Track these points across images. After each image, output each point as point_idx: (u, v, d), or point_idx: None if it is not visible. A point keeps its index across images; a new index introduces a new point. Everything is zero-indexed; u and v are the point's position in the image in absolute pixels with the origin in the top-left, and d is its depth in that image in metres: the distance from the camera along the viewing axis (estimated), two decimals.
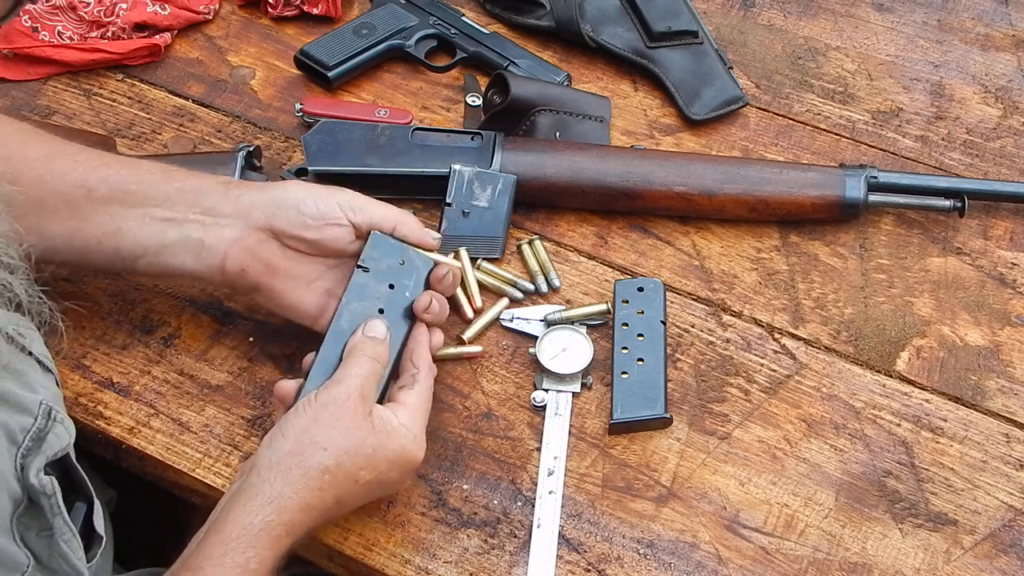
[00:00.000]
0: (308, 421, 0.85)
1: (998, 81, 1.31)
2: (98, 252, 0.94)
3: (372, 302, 0.93)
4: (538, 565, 0.90)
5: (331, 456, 0.83)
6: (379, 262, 0.94)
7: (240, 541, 0.79)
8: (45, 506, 0.78)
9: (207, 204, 0.93)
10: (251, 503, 0.81)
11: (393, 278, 0.94)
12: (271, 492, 0.82)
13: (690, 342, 1.05)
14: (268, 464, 0.83)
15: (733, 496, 0.95)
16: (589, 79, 1.28)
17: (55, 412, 0.81)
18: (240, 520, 0.80)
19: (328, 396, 0.86)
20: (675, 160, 1.13)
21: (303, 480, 0.82)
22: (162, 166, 0.97)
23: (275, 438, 0.85)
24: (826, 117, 1.26)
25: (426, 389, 0.91)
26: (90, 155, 0.96)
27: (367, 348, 0.89)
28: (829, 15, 1.38)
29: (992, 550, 0.93)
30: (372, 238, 0.94)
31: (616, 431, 0.98)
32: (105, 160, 0.96)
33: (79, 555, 0.81)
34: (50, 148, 0.95)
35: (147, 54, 1.27)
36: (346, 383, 0.86)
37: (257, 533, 0.80)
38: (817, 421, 1.00)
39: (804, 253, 1.13)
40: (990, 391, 1.03)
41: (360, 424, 0.85)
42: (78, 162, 0.94)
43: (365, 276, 0.93)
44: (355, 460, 0.84)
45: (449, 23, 1.30)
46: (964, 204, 1.12)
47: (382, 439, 0.85)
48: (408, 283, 0.94)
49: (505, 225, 1.10)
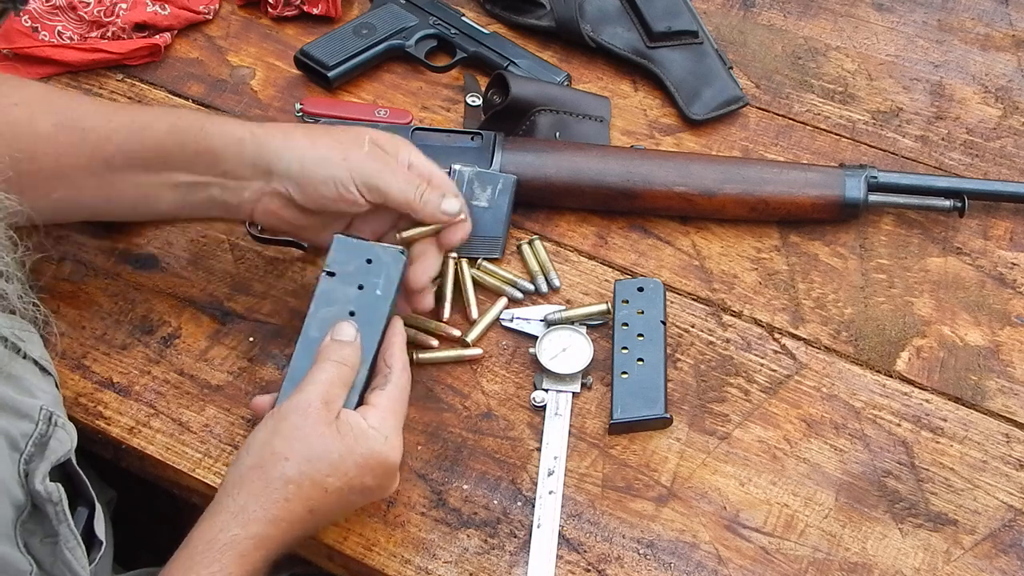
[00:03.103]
0: (268, 434, 0.84)
1: (998, 81, 1.31)
2: (136, 213, 1.01)
3: (341, 306, 0.91)
4: (538, 565, 0.90)
5: (292, 466, 0.82)
6: (346, 264, 0.92)
7: (205, 555, 0.79)
8: (51, 513, 0.78)
9: (225, 168, 0.94)
10: (216, 518, 0.81)
11: (362, 278, 0.92)
12: (234, 507, 0.81)
13: (690, 342, 1.05)
14: (233, 480, 0.83)
15: (733, 496, 0.95)
16: (589, 79, 1.28)
17: (56, 417, 0.81)
18: (205, 535, 0.80)
19: (289, 406, 0.84)
20: (675, 160, 1.13)
21: (266, 492, 0.81)
22: (170, 123, 0.96)
23: (240, 454, 0.84)
24: (826, 117, 1.26)
25: (399, 389, 0.88)
26: (96, 121, 0.95)
27: (332, 352, 0.87)
28: (829, 15, 1.38)
29: (992, 550, 0.93)
30: (336, 241, 0.93)
31: (616, 431, 0.98)
32: (113, 125, 0.95)
33: (83, 563, 0.81)
34: (58, 119, 0.95)
35: (147, 54, 1.27)
36: (307, 391, 0.85)
37: (221, 547, 0.79)
38: (817, 421, 1.00)
39: (804, 253, 1.13)
40: (990, 391, 1.03)
41: (323, 432, 0.83)
42: (85, 131, 0.94)
43: (331, 281, 0.92)
44: (319, 467, 0.82)
45: (449, 23, 1.30)
46: (964, 204, 1.12)
47: (349, 443, 0.83)
48: (378, 281, 0.92)
49: (505, 225, 1.10)
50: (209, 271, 1.08)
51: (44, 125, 0.94)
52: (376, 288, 0.92)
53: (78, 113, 0.96)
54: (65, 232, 1.08)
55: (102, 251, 1.09)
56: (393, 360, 0.90)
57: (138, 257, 1.09)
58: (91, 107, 0.99)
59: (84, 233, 1.09)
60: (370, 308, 0.91)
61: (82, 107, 0.97)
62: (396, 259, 0.93)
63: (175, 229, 1.11)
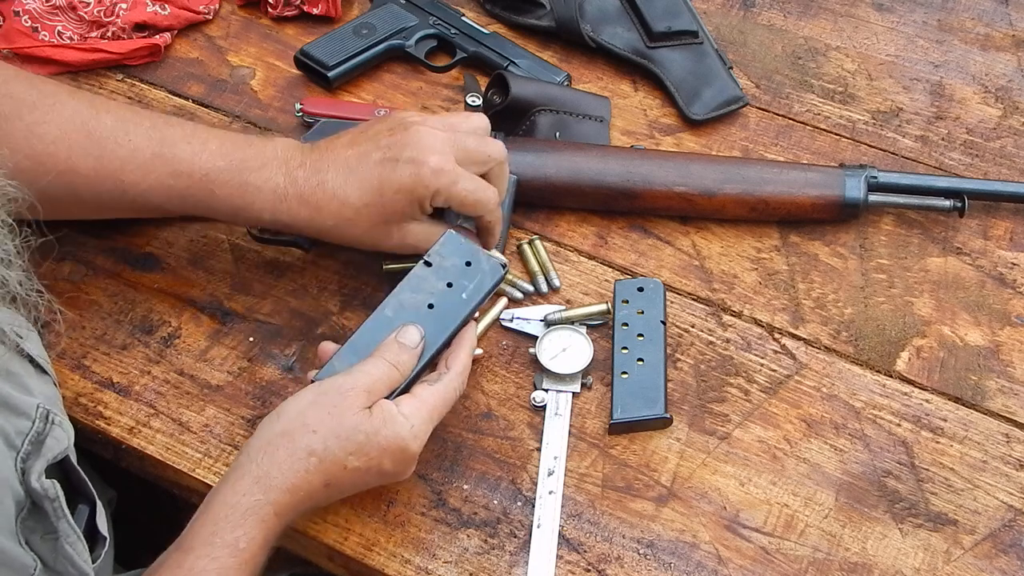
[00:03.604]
0: (305, 404, 0.85)
1: (998, 81, 1.31)
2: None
3: (424, 296, 0.91)
4: (538, 565, 0.90)
5: (319, 439, 0.83)
6: (445, 259, 0.93)
7: (228, 521, 0.80)
8: (48, 510, 0.78)
9: (262, 218, 0.97)
10: (239, 483, 0.82)
11: (454, 277, 0.92)
12: (258, 472, 0.82)
13: (690, 342, 1.05)
14: (258, 444, 0.83)
15: (733, 496, 0.95)
16: (589, 79, 1.28)
17: (52, 415, 0.81)
18: (228, 500, 0.81)
19: (332, 384, 0.85)
20: (675, 160, 1.13)
21: (289, 461, 0.82)
22: (208, 178, 0.95)
23: (271, 418, 0.85)
24: (826, 117, 1.26)
25: (448, 389, 0.89)
26: (135, 176, 0.95)
27: (391, 353, 0.88)
28: (829, 15, 1.38)
29: (992, 550, 0.93)
30: (445, 236, 0.93)
31: (616, 431, 0.98)
32: (150, 182, 0.95)
33: (84, 557, 0.81)
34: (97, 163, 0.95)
35: (147, 54, 1.27)
36: (354, 375, 0.86)
37: (244, 512, 0.80)
38: (817, 421, 1.00)
39: (804, 253, 1.13)
40: (990, 391, 1.03)
41: (357, 413, 0.84)
42: (125, 185, 0.95)
43: (426, 270, 0.92)
44: (344, 446, 0.83)
45: (449, 23, 1.30)
46: (964, 204, 1.12)
47: (376, 426, 0.84)
48: (468, 285, 0.92)
49: (505, 225, 1.10)
50: (209, 271, 1.08)
51: (83, 167, 0.94)
52: (464, 291, 0.92)
53: (115, 159, 0.95)
54: (65, 232, 1.08)
55: (102, 251, 1.09)
56: (455, 363, 0.90)
57: (138, 257, 1.09)
58: (126, 149, 0.96)
59: (84, 233, 1.09)
60: (450, 307, 0.91)
61: (119, 149, 0.95)
62: (495, 270, 0.93)
63: (175, 229, 1.11)
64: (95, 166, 0.94)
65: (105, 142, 0.95)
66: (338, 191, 0.94)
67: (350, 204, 0.94)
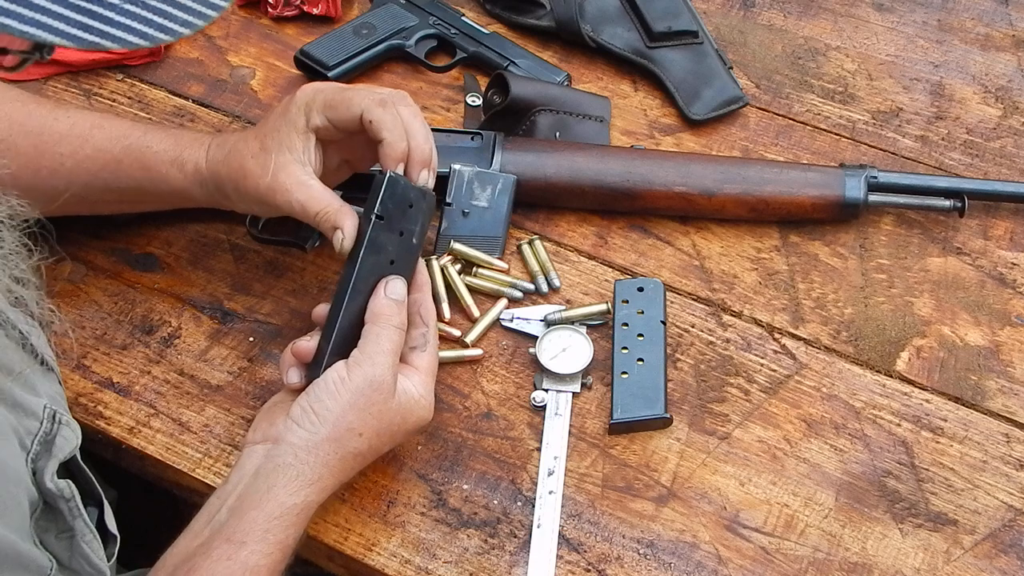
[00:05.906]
0: (345, 407, 0.85)
1: (998, 81, 1.31)
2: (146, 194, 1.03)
3: (385, 255, 0.88)
4: (538, 565, 0.90)
5: (365, 440, 0.86)
6: (390, 208, 0.88)
7: (282, 520, 0.82)
8: (64, 509, 0.79)
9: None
10: (291, 484, 0.83)
11: (403, 224, 0.89)
12: (311, 475, 0.84)
13: (690, 342, 1.05)
14: (306, 447, 0.84)
15: (733, 496, 0.95)
16: (589, 79, 1.28)
17: (60, 415, 0.82)
18: (283, 500, 0.82)
19: (364, 379, 0.85)
20: (675, 160, 1.13)
21: (340, 465, 0.86)
22: (137, 157, 0.98)
23: (309, 419, 0.85)
24: (826, 117, 1.26)
25: (435, 346, 0.92)
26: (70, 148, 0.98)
27: (393, 316, 0.88)
28: (829, 15, 1.38)
29: (992, 550, 0.93)
30: (388, 182, 0.87)
31: (616, 431, 0.98)
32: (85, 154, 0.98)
33: (100, 555, 0.82)
34: (34, 146, 0.97)
35: (147, 54, 1.26)
36: (379, 363, 0.86)
37: (298, 513, 0.83)
38: (817, 421, 1.00)
39: (804, 253, 1.13)
40: (990, 391, 1.03)
41: (390, 406, 0.87)
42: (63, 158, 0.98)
43: (380, 226, 0.87)
44: (383, 439, 0.88)
45: (449, 23, 1.30)
46: (964, 204, 1.12)
47: (404, 415, 0.88)
48: (415, 228, 0.89)
49: (505, 225, 1.10)
50: (209, 271, 1.08)
51: (23, 144, 0.97)
52: (412, 236, 0.89)
53: (53, 133, 0.98)
54: (65, 232, 1.07)
55: (102, 251, 1.09)
56: (428, 316, 0.92)
57: (138, 257, 1.09)
58: (65, 124, 0.99)
59: (84, 233, 1.09)
60: (406, 256, 0.89)
61: (57, 124, 0.99)
62: (431, 201, 0.90)
63: (175, 229, 1.11)
64: (35, 143, 0.96)
65: (44, 119, 0.99)
66: (248, 141, 0.95)
67: (249, 143, 0.94)
